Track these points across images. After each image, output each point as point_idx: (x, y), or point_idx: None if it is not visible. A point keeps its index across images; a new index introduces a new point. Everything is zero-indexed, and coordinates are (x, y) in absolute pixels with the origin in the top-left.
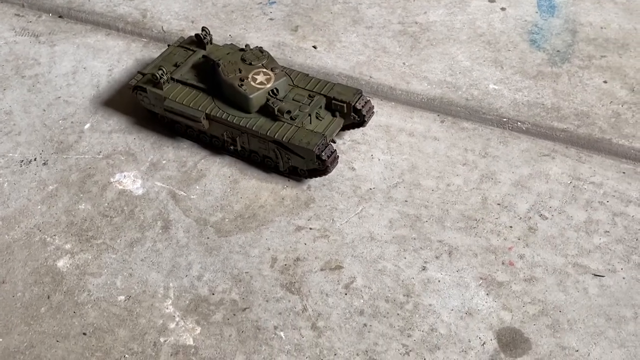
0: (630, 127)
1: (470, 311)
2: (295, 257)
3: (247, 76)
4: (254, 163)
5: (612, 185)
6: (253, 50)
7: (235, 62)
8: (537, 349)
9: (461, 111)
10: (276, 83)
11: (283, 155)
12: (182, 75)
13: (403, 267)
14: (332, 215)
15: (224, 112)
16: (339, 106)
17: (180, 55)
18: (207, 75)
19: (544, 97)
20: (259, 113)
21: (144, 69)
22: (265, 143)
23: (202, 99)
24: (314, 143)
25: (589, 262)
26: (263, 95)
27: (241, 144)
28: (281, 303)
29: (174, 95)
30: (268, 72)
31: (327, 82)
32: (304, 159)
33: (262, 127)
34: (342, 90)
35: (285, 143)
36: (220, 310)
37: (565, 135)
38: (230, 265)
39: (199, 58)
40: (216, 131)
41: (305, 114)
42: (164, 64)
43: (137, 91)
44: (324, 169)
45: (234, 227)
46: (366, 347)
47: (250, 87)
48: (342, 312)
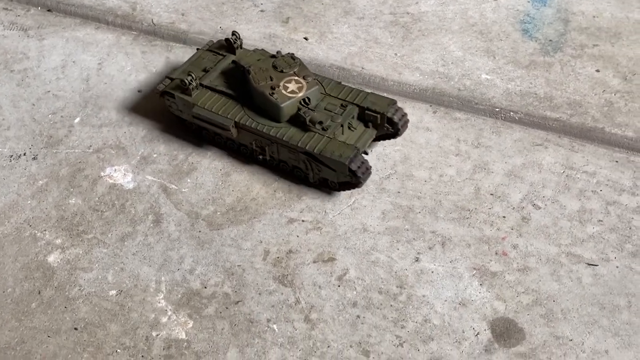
0: (623, 116)
1: (464, 302)
2: (288, 250)
3: (279, 84)
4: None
5: (605, 174)
6: (284, 57)
7: (267, 69)
8: (531, 339)
9: (453, 101)
10: (308, 92)
11: (314, 167)
12: (211, 81)
13: (396, 258)
14: (324, 207)
15: (254, 121)
16: (372, 117)
17: (209, 60)
18: (237, 82)
19: (536, 87)
20: (289, 122)
21: (172, 74)
22: (296, 154)
23: (231, 106)
24: (347, 155)
25: (583, 252)
26: (294, 105)
27: (270, 154)
28: (274, 296)
29: (202, 102)
30: (300, 80)
31: (360, 91)
32: (336, 172)
33: (293, 137)
34: (375, 100)
35: (317, 155)
36: (212, 303)
37: (558, 124)
38: (222, 258)
39: (228, 63)
40: (245, 140)
41: (337, 124)
42: (192, 69)
43: (165, 97)
44: (356, 182)
45: (225, 220)
46: (359, 339)
47: (282, 95)
48: (335, 304)
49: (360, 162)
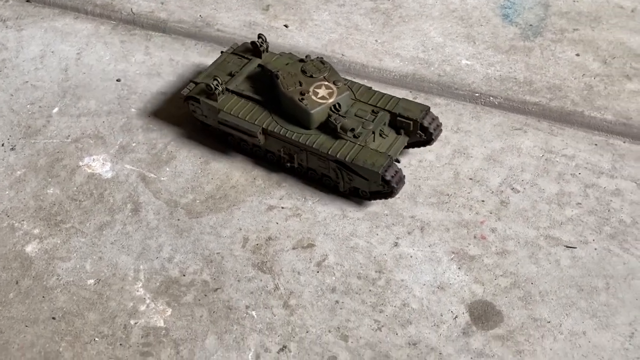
0: (603, 99)
1: (442, 285)
2: (267, 237)
3: (308, 90)
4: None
5: (584, 157)
6: (314, 61)
7: (295, 74)
8: (509, 321)
9: (434, 87)
10: (338, 98)
11: (344, 176)
12: (237, 85)
13: (375, 243)
14: (304, 194)
15: (282, 128)
16: (405, 124)
17: (235, 63)
18: (264, 87)
19: (516, 72)
20: (319, 129)
21: (196, 78)
22: (326, 162)
23: (258, 112)
24: (380, 164)
25: (561, 234)
26: (325, 111)
27: (299, 161)
28: (253, 282)
29: (228, 108)
30: (330, 86)
31: (391, 97)
32: (368, 181)
33: (323, 145)
34: (408, 106)
35: (348, 163)
36: (191, 291)
37: (537, 108)
38: (201, 246)
39: (254, 67)
40: (272, 147)
41: (368, 131)
42: (217, 72)
43: (189, 102)
44: (390, 192)
45: (205, 208)
46: (338, 324)
47: (312, 101)
48: (314, 289)
49: (394, 171)
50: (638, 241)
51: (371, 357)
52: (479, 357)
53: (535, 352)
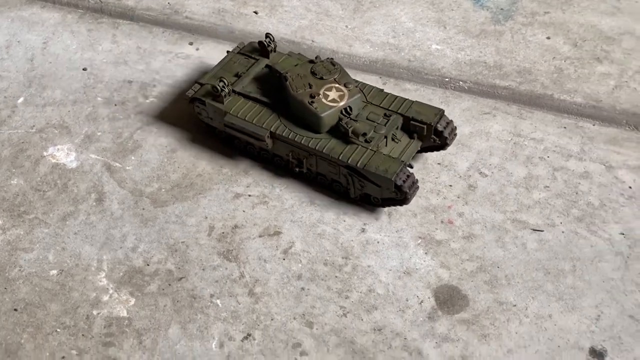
0: (573, 82)
1: (409, 270)
2: (233, 225)
3: (318, 92)
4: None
5: (552, 140)
6: (324, 62)
7: (305, 76)
8: (475, 305)
9: (403, 73)
10: (350, 101)
11: (356, 182)
12: (244, 87)
13: (342, 230)
14: (272, 182)
15: (291, 131)
16: (418, 127)
17: (241, 64)
18: (272, 88)
19: (486, 56)
20: (329, 133)
21: (201, 79)
22: (336, 167)
23: (266, 115)
24: (393, 171)
25: (528, 218)
26: (335, 114)
27: (308, 166)
28: (218, 271)
29: (235, 110)
30: (341, 88)
31: (404, 100)
32: (380, 187)
33: (334, 149)
34: (421, 110)
35: (360, 169)
36: (155, 280)
37: (507, 92)
38: (166, 235)
39: (261, 68)
40: (280, 151)
41: (380, 135)
42: (223, 73)
43: (195, 103)
44: (403, 199)
45: (170, 197)
46: (303, 311)
47: (322, 104)
48: (279, 277)
49: (407, 178)
50: (605, 223)
51: (336, 343)
52: (443, 341)
53: (501, 336)
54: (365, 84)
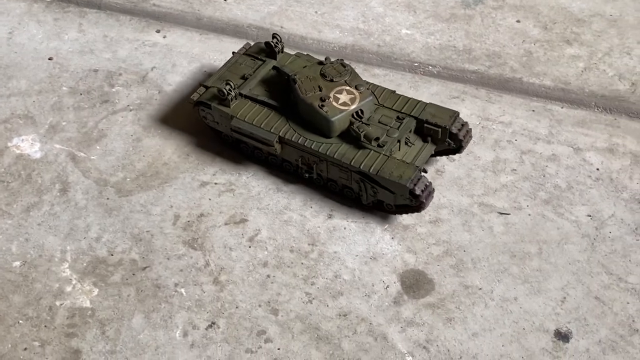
0: (542, 65)
1: (375, 256)
2: (199, 213)
3: (329, 95)
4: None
5: (521, 123)
6: (334, 63)
7: (314, 78)
8: (441, 289)
9: (373, 58)
10: (361, 104)
11: (368, 188)
12: (251, 90)
13: (309, 216)
14: (238, 169)
15: (301, 136)
16: (433, 131)
17: (248, 65)
18: (280, 91)
19: (456, 40)
20: (340, 138)
21: (206, 81)
22: (348, 173)
23: (274, 119)
24: (407, 177)
25: (495, 201)
26: (346, 118)
27: (318, 172)
28: (183, 260)
29: (242, 114)
30: (352, 91)
31: (417, 101)
32: (394, 194)
33: (345, 155)
34: (435, 112)
35: (373, 175)
36: (119, 270)
37: (475, 76)
38: (130, 224)
39: (269, 70)
40: (289, 156)
41: (393, 139)
42: (230, 75)
43: (199, 107)
44: (418, 206)
45: (135, 186)
46: (269, 298)
47: (332, 108)
48: (245, 265)
49: (423, 185)
50: (572, 205)
51: (301, 330)
52: (409, 325)
53: (466, 319)
54: (377, 85)
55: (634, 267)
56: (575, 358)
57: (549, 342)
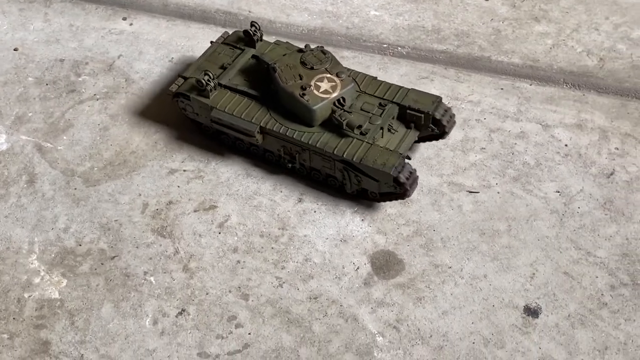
0: (510, 43)
1: (345, 238)
2: (168, 201)
3: (310, 83)
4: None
5: (489, 102)
6: (314, 51)
7: (294, 66)
8: (410, 269)
9: (342, 40)
10: (343, 91)
11: (352, 177)
12: (231, 80)
13: (279, 200)
14: (207, 156)
15: (282, 126)
16: (415, 117)
17: (227, 54)
18: (259, 80)
19: (424, 20)
20: (322, 126)
21: (185, 72)
22: (331, 162)
23: (254, 108)
24: (391, 164)
25: (464, 180)
26: (328, 106)
27: (301, 162)
28: (152, 248)
29: (222, 105)
30: (333, 78)
31: (399, 87)
32: (378, 182)
33: (328, 144)
34: (418, 98)
35: (356, 164)
36: (87, 260)
37: (444, 56)
38: (98, 214)
39: (248, 59)
40: (271, 146)
41: (376, 127)
42: (208, 65)
43: (179, 99)
44: (402, 193)
45: (103, 176)
46: (239, 283)
47: (314, 96)
48: (215, 251)
49: (408, 172)
50: (541, 182)
51: (272, 314)
52: (379, 306)
53: (436, 298)
54: (358, 72)
55: (602, 241)
56: (544, 333)
57: (518, 318)
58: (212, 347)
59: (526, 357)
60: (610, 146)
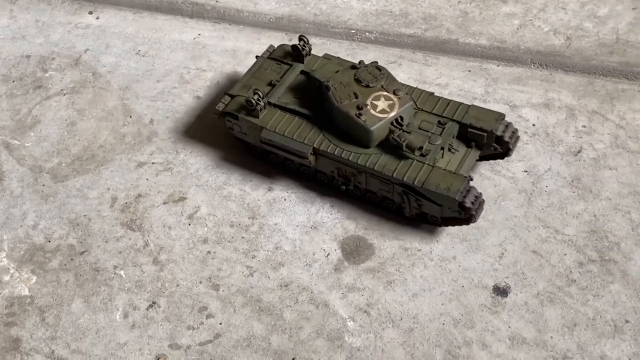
0: (477, 25)
1: (316, 225)
2: (137, 194)
3: (366, 102)
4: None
5: (457, 84)
6: (368, 67)
7: (348, 84)
8: (380, 253)
9: (310, 27)
10: (401, 110)
11: (412, 201)
12: (280, 98)
13: (249, 190)
14: (176, 147)
15: (337, 147)
16: (477, 135)
17: (274, 70)
18: (310, 97)
19: (392, 5)
20: (379, 147)
21: (231, 89)
22: (389, 185)
23: (306, 128)
24: (456, 189)
25: None
26: (385, 126)
27: (356, 184)
28: (121, 242)
29: (272, 124)
30: (390, 96)
31: (459, 104)
32: (441, 206)
33: (386, 166)
34: (479, 115)
35: (418, 188)
36: (57, 256)
37: (412, 40)
38: (67, 210)
39: (297, 74)
40: (324, 167)
41: (436, 147)
42: (255, 83)
43: (226, 118)
44: (467, 219)
45: (71, 171)
46: (210, 274)
47: (371, 116)
48: (185, 243)
49: (473, 197)
50: (509, 162)
51: (242, 303)
52: (350, 291)
53: (406, 281)
54: (414, 87)
55: (570, 219)
56: (513, 312)
57: (487, 298)
58: (183, 338)
59: (495, 337)
60: (577, 124)
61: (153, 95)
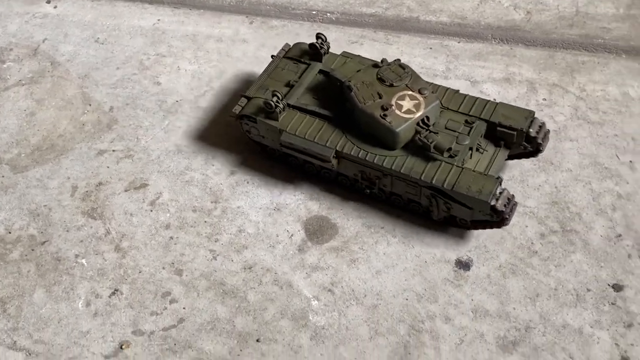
0: (438, 2)
1: (279, 207)
2: (98, 182)
3: (390, 102)
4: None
5: (418, 62)
6: (391, 65)
7: (371, 84)
8: (344, 232)
9: (270, 10)
10: (427, 110)
11: (441, 204)
12: (299, 99)
13: (211, 174)
14: (137, 134)
15: (360, 149)
16: (507, 134)
17: (291, 70)
18: (330, 98)
19: None
20: (405, 149)
21: (248, 91)
22: (417, 188)
23: (328, 131)
24: (488, 191)
25: None
26: (412, 127)
27: (381, 187)
28: (82, 231)
29: (292, 127)
30: (415, 96)
31: (486, 101)
32: (472, 209)
33: (413, 169)
34: (508, 113)
35: (448, 191)
36: (17, 248)
37: (373, 19)
38: (27, 200)
39: (315, 74)
40: (347, 170)
41: (465, 147)
42: (273, 84)
43: (243, 121)
44: (500, 222)
45: (30, 162)
46: (172, 259)
47: (396, 117)
48: (147, 229)
49: (505, 199)
50: None
51: (206, 287)
52: (313, 271)
53: (369, 259)
54: (438, 85)
55: (531, 190)
56: (476, 285)
57: (450, 272)
58: (146, 324)
59: (459, 310)
60: (538, 97)
61: (112, 83)
